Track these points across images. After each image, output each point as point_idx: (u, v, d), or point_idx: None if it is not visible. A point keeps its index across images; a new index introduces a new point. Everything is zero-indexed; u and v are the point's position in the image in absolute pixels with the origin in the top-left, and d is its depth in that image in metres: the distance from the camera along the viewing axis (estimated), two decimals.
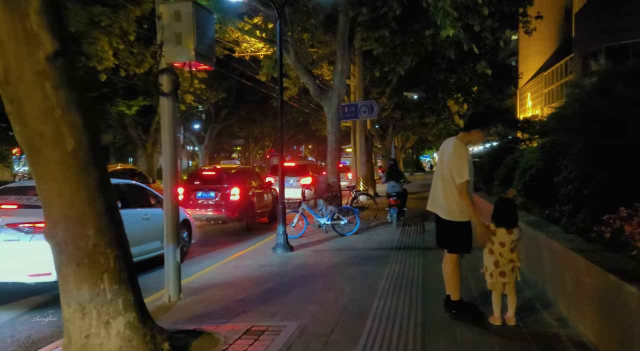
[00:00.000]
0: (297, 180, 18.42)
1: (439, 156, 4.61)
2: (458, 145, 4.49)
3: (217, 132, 38.22)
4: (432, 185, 4.65)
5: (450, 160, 4.38)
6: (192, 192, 11.97)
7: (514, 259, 4.25)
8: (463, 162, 4.34)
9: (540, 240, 5.11)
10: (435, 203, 4.58)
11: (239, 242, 10.20)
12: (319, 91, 11.95)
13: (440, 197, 4.48)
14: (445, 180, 4.44)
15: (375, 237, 9.72)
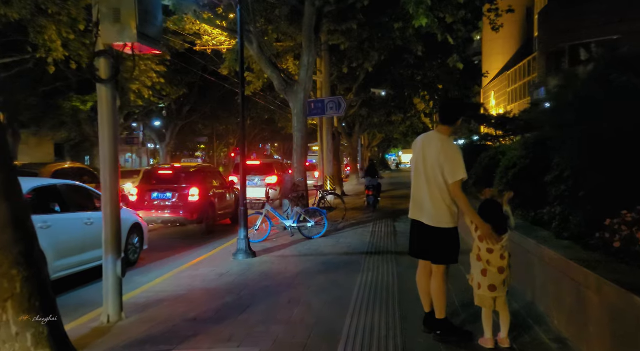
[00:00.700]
0: (262, 179, 17.68)
1: (418, 154, 4.00)
2: (445, 139, 3.93)
3: (179, 129, 36.97)
4: (413, 189, 4.05)
5: (440, 157, 3.83)
6: (147, 192, 11.08)
7: (504, 268, 3.71)
8: (458, 158, 3.81)
9: (529, 246, 4.60)
10: (419, 210, 3.98)
11: (198, 247, 9.42)
12: (284, 85, 11.27)
13: (426, 201, 3.90)
14: (431, 181, 3.88)
15: (344, 240, 9.12)
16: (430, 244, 3.95)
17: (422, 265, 4.14)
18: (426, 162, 3.90)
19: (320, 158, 19.59)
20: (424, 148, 3.95)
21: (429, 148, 3.91)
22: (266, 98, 30.86)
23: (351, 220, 12.00)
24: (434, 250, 3.96)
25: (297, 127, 11.49)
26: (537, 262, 4.48)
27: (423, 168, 3.93)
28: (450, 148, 3.86)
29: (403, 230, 10.07)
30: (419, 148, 4.02)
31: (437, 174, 3.82)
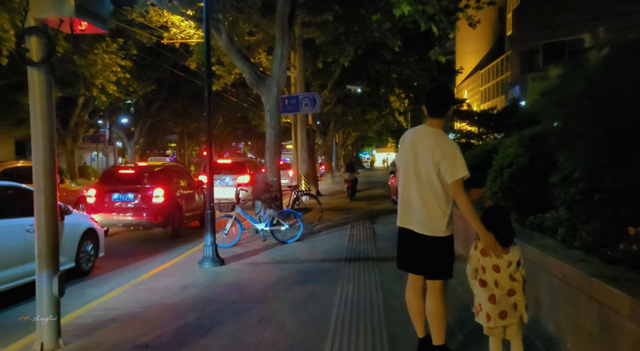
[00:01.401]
0: (234, 179, 16.91)
1: (407, 152, 3.45)
2: (439, 133, 3.38)
3: (148, 127, 35.74)
4: (402, 191, 3.48)
5: (435, 154, 3.29)
6: (107, 193, 10.21)
7: (516, 290, 3.10)
8: (457, 153, 3.27)
9: (531, 255, 4.05)
10: (409, 216, 3.41)
11: (162, 253, 8.65)
12: (256, 79, 10.56)
13: (418, 205, 3.35)
14: (423, 182, 3.34)
15: (321, 244, 8.48)
16: (423, 256, 3.39)
17: (412, 280, 3.55)
18: (417, 161, 3.37)
19: (294, 156, 18.93)
20: (415, 145, 3.40)
21: (421, 145, 3.37)
22: (238, 95, 30.01)
23: (327, 222, 11.38)
24: (428, 263, 3.40)
25: (269, 124, 10.79)
26: (542, 275, 3.93)
27: (414, 168, 3.39)
28: (446, 143, 3.33)
29: (382, 233, 9.50)
30: (407, 145, 3.47)
31: (431, 174, 3.30)
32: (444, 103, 3.45)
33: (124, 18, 17.58)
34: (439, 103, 3.44)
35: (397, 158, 3.58)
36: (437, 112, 3.42)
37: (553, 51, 24.80)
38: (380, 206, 15.41)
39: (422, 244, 3.34)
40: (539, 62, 25.51)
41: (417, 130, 3.51)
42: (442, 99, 3.47)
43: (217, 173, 17.05)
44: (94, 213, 10.11)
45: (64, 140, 27.31)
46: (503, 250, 3.12)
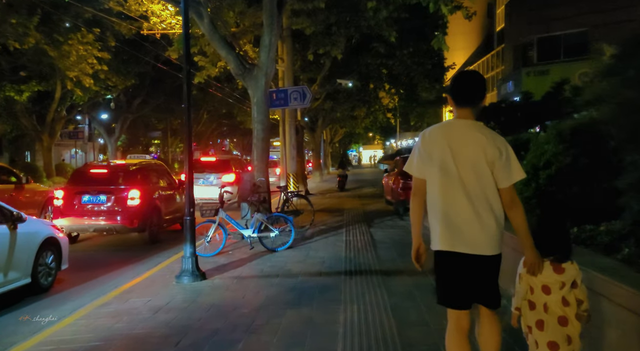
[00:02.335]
0: (218, 178, 15.94)
1: (441, 156, 2.73)
2: (485, 127, 2.78)
3: (130, 123, 34.50)
4: (442, 206, 2.71)
5: (487, 153, 2.66)
6: (77, 195, 9.21)
7: (567, 317, 2.60)
8: (511, 150, 2.73)
9: (590, 281, 3.21)
10: (458, 236, 2.68)
11: (136, 262, 7.71)
12: (242, 69, 9.63)
13: (473, 220, 2.66)
14: (475, 190, 2.67)
15: (315, 253, 7.59)
16: (484, 281, 2.75)
17: (457, 319, 2.77)
18: (460, 164, 2.70)
19: (282, 154, 18.01)
20: (453, 145, 2.71)
21: (463, 144, 2.71)
22: (223, 90, 28.95)
23: (320, 225, 10.50)
24: (491, 289, 2.77)
25: (257, 118, 9.87)
26: (606, 306, 3.10)
27: (457, 173, 2.69)
28: (498, 138, 2.74)
29: (381, 239, 8.66)
30: (441, 146, 2.73)
31: (485, 178, 2.69)
32: (479, 90, 2.84)
33: (101, 7, 16.47)
34: (473, 90, 2.81)
35: (418, 162, 2.83)
36: (471, 100, 2.79)
37: (548, 46, 24.18)
38: (373, 206, 14.58)
39: (481, 267, 2.70)
40: (533, 57, 24.86)
41: (450, 125, 2.80)
42: (476, 84, 2.84)
43: (200, 172, 16.07)
44: (62, 217, 9.12)
45: (41, 136, 26.06)
46: (557, 267, 2.65)
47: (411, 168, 2.83)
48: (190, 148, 6.34)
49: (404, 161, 13.65)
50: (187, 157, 6.31)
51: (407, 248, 7.67)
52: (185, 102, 6.27)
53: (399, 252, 7.39)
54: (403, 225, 10.47)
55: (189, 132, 6.38)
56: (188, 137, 6.38)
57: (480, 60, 44.26)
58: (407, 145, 54.32)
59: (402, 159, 13.34)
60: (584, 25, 22.93)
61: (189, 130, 6.37)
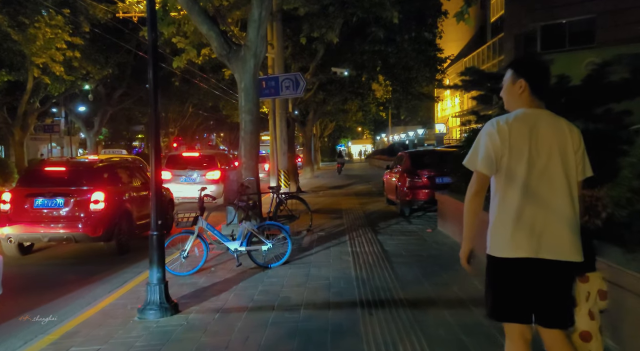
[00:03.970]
0: (202, 175, 14.45)
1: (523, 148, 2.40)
2: (565, 120, 2.52)
3: (110, 116, 32.72)
4: (523, 205, 2.36)
5: (575, 143, 2.44)
6: (28, 198, 7.67)
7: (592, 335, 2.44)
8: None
9: None
10: (542, 240, 2.34)
11: (94, 283, 6.26)
12: (227, 48, 8.15)
13: (558, 221, 2.34)
14: (561, 186, 2.38)
15: (318, 270, 6.15)
16: (565, 295, 2.41)
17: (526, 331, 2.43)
18: (552, 157, 2.40)
19: (272, 149, 16.50)
20: (540, 135, 2.42)
21: (551, 135, 2.43)
22: (209, 82, 27.35)
23: (318, 231, 9.08)
24: (569, 305, 2.44)
25: (244, 107, 8.38)
26: None
27: (545, 167, 2.39)
28: (576, 129, 2.50)
29: (394, 250, 7.25)
30: (527, 137, 2.41)
31: (571, 173, 2.43)
32: (549, 81, 2.68)
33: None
34: (548, 81, 2.62)
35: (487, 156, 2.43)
36: (546, 91, 2.56)
37: (552, 34, 22.93)
38: (373, 206, 13.18)
39: (562, 278, 2.39)
40: (536, 46, 23.60)
41: (531, 115, 2.46)
42: (549, 75, 2.63)
43: (182, 168, 14.56)
44: (9, 224, 7.58)
45: (12, 129, 24.23)
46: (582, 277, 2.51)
47: (475, 163, 2.46)
48: (157, 142, 4.86)
49: (409, 157, 12.29)
50: (153, 154, 4.83)
51: (430, 264, 6.40)
52: (150, 82, 4.78)
53: (421, 269, 5.99)
54: (413, 230, 9.09)
55: (156, 120, 4.89)
56: (155, 127, 4.89)
57: (475, 52, 43.11)
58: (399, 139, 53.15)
59: (407, 155, 11.95)
60: (591, 12, 21.78)
61: (156, 118, 4.89)
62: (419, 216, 10.95)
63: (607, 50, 17.71)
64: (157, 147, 4.84)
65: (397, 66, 19.97)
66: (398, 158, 13.03)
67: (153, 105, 4.82)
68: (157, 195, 4.83)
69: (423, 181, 10.68)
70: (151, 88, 4.79)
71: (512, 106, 2.52)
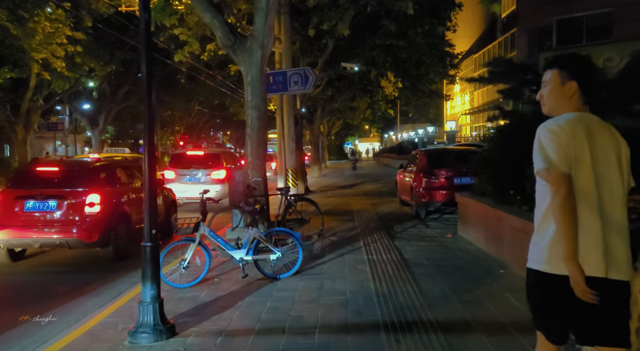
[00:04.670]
0: (207, 174, 13.87)
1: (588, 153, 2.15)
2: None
3: (115, 114, 32.29)
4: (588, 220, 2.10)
5: (626, 153, 2.26)
6: (18, 200, 7.12)
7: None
8: None
9: None
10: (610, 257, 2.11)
11: (86, 294, 5.71)
12: (232, 39, 7.55)
13: (621, 236, 2.14)
14: (621, 199, 2.19)
15: (332, 283, 5.52)
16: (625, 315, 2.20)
17: None
18: (608, 167, 2.19)
19: (280, 147, 15.89)
20: (597, 142, 2.18)
21: (606, 142, 2.21)
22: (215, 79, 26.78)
23: (330, 236, 8.46)
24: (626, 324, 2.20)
25: (251, 102, 7.77)
26: None
27: (603, 177, 2.16)
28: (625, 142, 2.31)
29: (415, 258, 6.61)
30: (586, 142, 2.15)
31: (625, 182, 2.23)
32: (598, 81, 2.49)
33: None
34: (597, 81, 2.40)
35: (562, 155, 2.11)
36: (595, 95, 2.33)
37: (568, 28, 22.14)
38: (386, 208, 12.55)
39: (624, 296, 2.19)
40: (551, 41, 22.81)
41: (585, 119, 2.21)
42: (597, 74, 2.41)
43: (186, 168, 13.99)
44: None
45: (15, 127, 23.80)
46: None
47: (550, 162, 2.10)
48: (150, 140, 4.26)
49: (425, 155, 11.64)
50: (146, 153, 4.24)
51: (456, 276, 5.78)
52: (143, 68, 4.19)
53: (448, 282, 5.36)
54: (432, 235, 8.46)
55: (150, 114, 4.29)
56: (148, 123, 4.29)
57: (486, 48, 42.28)
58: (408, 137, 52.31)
59: (423, 153, 11.29)
60: (609, 5, 20.98)
61: (150, 111, 4.29)
62: (436, 219, 10.31)
63: (626, 45, 17.01)
64: (151, 144, 4.25)
65: (408, 62, 19.28)
66: (412, 156, 12.38)
67: (146, 99, 4.24)
68: (151, 200, 4.25)
69: (440, 181, 10.03)
70: (144, 77, 4.21)
71: (558, 110, 2.26)
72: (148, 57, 4.18)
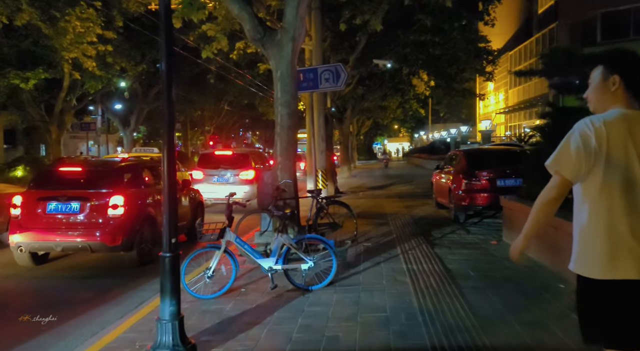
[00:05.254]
0: (236, 175, 13.54)
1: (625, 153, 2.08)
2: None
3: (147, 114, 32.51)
4: (622, 214, 2.04)
5: None
6: (40, 202, 6.86)
7: None
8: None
9: None
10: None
11: (105, 303, 5.35)
12: (261, 31, 7.13)
13: None
14: None
15: (369, 297, 5.00)
16: None
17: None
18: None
19: (309, 147, 15.44)
20: (630, 141, 2.09)
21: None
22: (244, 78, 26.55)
23: (364, 241, 7.94)
24: None
25: (281, 99, 7.33)
26: None
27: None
28: None
29: (459, 269, 6.03)
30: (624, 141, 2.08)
31: None
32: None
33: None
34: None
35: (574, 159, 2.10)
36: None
37: (614, 22, 20.98)
38: (421, 211, 11.94)
39: None
40: (595, 35, 21.67)
41: (633, 119, 2.11)
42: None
43: (214, 168, 13.70)
44: (20, 231, 6.78)
45: (49, 127, 24.12)
46: None
47: (559, 166, 2.14)
48: (170, 139, 3.84)
49: (465, 156, 10.98)
50: (165, 154, 3.81)
51: (509, 291, 4.99)
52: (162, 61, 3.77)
53: (500, 298, 4.77)
54: (475, 241, 7.84)
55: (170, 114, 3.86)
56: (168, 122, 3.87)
57: (522, 45, 40.87)
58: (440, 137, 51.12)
59: (462, 153, 10.64)
60: None
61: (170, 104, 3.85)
62: (476, 223, 9.67)
63: None
64: (171, 144, 3.83)
65: (442, 59, 18.53)
66: (450, 157, 11.73)
67: (166, 93, 3.80)
68: (171, 205, 3.83)
69: (482, 183, 9.37)
70: (164, 70, 3.78)
71: (602, 107, 2.22)
72: (168, 46, 3.76)
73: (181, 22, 10.69)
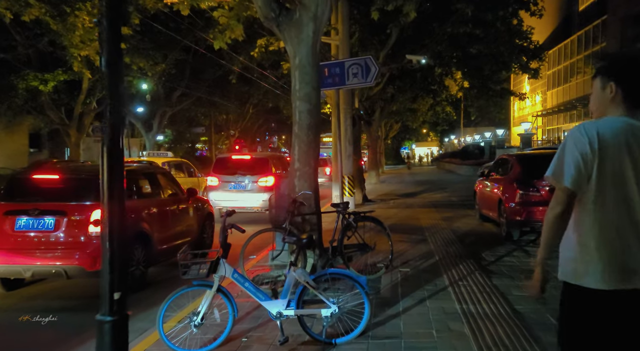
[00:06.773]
0: (254, 181, 12.26)
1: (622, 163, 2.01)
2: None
3: (170, 118, 31.81)
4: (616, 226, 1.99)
5: None
6: (7, 217, 5.67)
7: None
8: None
9: None
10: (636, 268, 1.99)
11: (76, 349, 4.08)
12: (276, 9, 5.80)
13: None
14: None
15: None
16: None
17: None
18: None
19: (335, 151, 14.05)
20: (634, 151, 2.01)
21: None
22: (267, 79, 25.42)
23: (401, 267, 6.48)
24: None
25: (300, 93, 5.97)
26: None
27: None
28: None
29: (532, 313, 4.51)
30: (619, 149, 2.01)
31: None
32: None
33: None
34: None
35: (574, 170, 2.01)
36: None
37: None
38: (462, 224, 10.40)
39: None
40: None
41: (632, 129, 2.03)
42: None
43: (231, 174, 12.46)
44: None
45: (68, 131, 23.49)
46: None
47: (561, 177, 2.04)
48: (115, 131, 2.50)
49: (519, 161, 9.40)
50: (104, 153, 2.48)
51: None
52: None
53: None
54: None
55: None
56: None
57: (563, 43, 38.66)
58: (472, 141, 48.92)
59: (515, 159, 9.04)
60: None
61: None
62: (534, 241, 8.09)
63: None
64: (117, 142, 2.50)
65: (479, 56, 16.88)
66: (498, 162, 10.15)
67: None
68: (112, 239, 2.50)
69: (542, 195, 7.78)
70: None
71: (601, 116, 2.13)
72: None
73: (189, 9, 9.50)
